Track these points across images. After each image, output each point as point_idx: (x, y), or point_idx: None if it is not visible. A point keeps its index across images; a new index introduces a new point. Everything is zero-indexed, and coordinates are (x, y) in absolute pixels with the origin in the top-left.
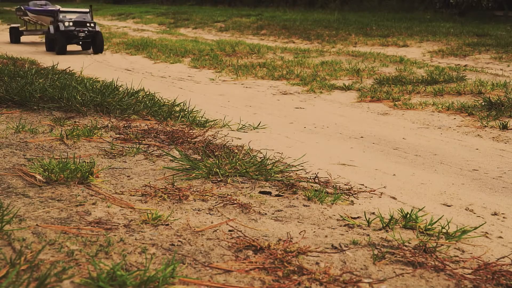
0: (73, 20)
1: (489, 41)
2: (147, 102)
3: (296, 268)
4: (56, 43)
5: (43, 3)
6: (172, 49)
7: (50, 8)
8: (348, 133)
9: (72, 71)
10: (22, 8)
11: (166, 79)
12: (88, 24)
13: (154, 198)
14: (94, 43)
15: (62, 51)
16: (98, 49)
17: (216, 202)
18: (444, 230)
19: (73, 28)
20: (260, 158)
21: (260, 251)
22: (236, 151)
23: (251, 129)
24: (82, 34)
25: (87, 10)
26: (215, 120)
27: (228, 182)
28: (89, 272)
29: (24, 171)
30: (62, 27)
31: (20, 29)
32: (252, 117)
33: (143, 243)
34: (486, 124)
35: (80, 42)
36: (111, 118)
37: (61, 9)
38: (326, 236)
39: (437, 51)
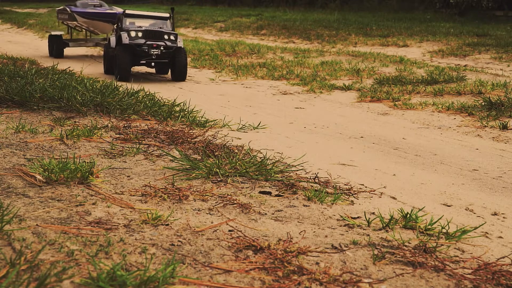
0: (143, 29)
1: (489, 41)
2: (147, 102)
3: (296, 268)
4: (116, 62)
5: (97, 3)
6: None
7: (109, 10)
8: (348, 133)
9: (72, 71)
10: (68, 10)
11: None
12: (166, 36)
13: (154, 198)
14: (173, 65)
15: (124, 76)
16: (180, 75)
17: (216, 202)
18: (444, 230)
19: (142, 41)
20: (260, 158)
21: (260, 251)
22: (236, 151)
23: (251, 129)
24: (155, 52)
25: (167, 15)
26: (215, 120)
27: (228, 182)
28: (89, 272)
29: (24, 171)
30: (125, 39)
31: (63, 38)
32: (252, 117)
33: (143, 243)
34: (486, 124)
35: (153, 63)
36: (111, 118)
37: (127, 11)
38: (326, 236)
39: (437, 51)
